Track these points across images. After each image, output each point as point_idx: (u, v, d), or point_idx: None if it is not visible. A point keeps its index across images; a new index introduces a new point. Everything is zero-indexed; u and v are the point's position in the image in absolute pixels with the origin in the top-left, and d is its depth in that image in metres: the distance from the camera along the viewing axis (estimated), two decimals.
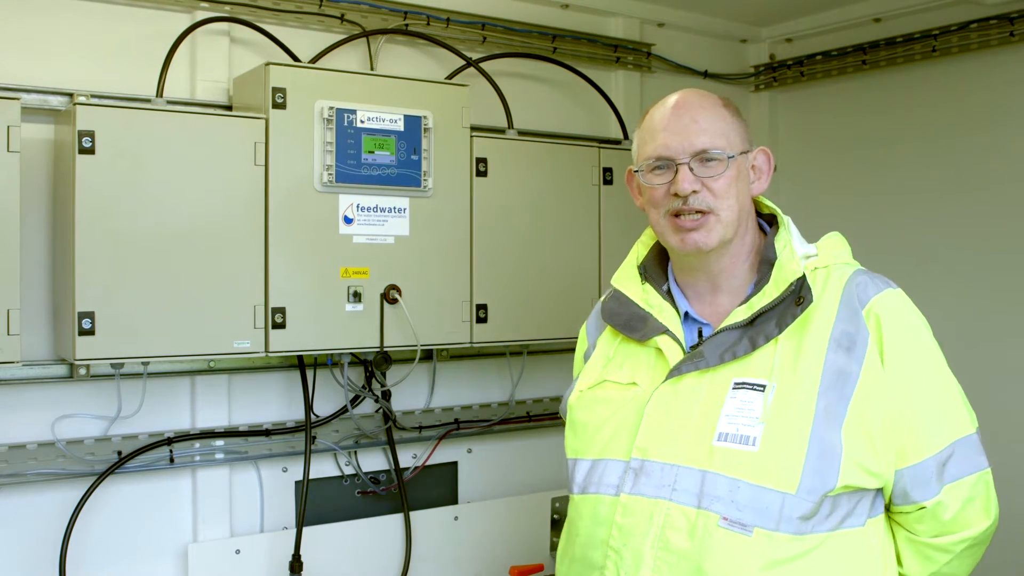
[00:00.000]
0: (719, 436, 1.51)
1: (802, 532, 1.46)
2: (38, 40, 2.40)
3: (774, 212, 1.70)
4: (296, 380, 2.69)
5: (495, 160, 2.69)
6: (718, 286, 1.66)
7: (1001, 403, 2.88)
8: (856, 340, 1.53)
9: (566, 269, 2.84)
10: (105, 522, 2.46)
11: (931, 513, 1.53)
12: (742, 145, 1.64)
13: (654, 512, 1.52)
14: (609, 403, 1.65)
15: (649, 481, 1.53)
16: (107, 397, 2.43)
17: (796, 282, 1.56)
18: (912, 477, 1.52)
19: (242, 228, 2.31)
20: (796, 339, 1.54)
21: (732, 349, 1.56)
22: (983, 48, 3.05)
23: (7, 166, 2.05)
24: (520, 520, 3.03)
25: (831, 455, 1.47)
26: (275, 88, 2.33)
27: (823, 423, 1.48)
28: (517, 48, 3.10)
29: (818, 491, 1.46)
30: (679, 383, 1.58)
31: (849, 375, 1.51)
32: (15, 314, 2.06)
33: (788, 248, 1.61)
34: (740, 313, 1.59)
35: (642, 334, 1.66)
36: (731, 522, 1.46)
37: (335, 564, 2.70)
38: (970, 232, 3.13)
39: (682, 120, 1.61)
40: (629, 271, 1.76)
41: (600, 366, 1.72)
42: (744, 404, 1.52)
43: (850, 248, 1.69)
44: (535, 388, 3.15)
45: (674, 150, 1.60)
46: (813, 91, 3.60)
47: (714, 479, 1.49)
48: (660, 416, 1.57)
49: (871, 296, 1.56)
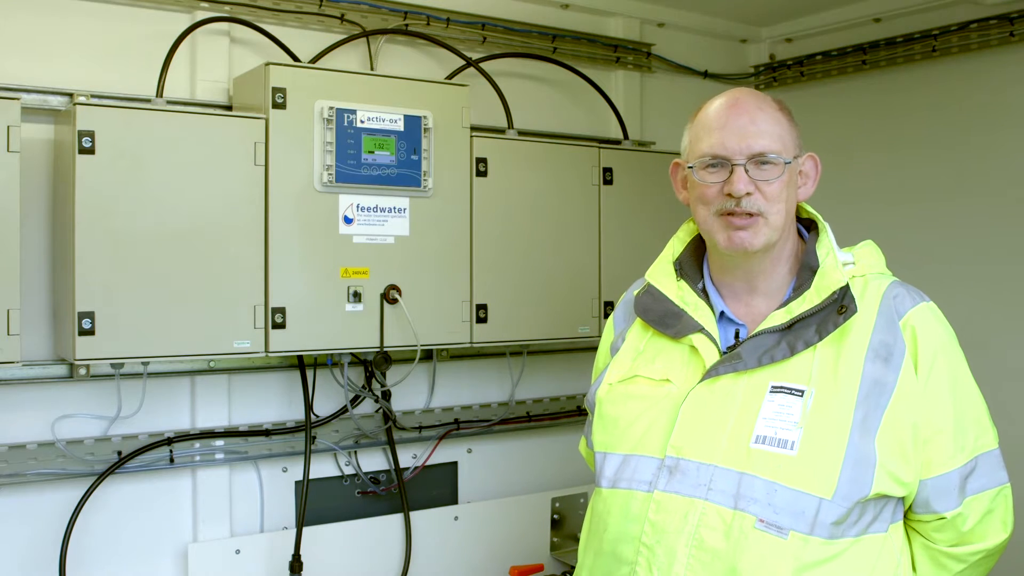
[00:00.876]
0: (756, 439, 1.51)
1: (833, 536, 1.48)
2: (38, 40, 2.40)
3: (813, 217, 1.70)
4: (296, 380, 2.69)
5: (495, 160, 2.68)
6: (755, 287, 1.66)
7: (1002, 404, 2.86)
8: (893, 351, 1.54)
9: (566, 269, 2.84)
10: (105, 522, 2.46)
11: (950, 524, 1.55)
12: (795, 150, 1.63)
13: (689, 511, 1.52)
14: (642, 399, 1.65)
15: (684, 480, 1.53)
16: (107, 397, 2.43)
17: (839, 291, 1.57)
18: (935, 488, 1.54)
19: (242, 228, 2.31)
20: (835, 347, 1.55)
21: (770, 352, 1.56)
22: (983, 48, 3.05)
23: (7, 166, 2.06)
24: (520, 520, 3.03)
25: (866, 463, 1.48)
26: (275, 88, 2.33)
27: (860, 432, 1.49)
28: (517, 48, 3.10)
29: (853, 498, 1.47)
30: (715, 383, 1.58)
31: (885, 385, 1.52)
32: (15, 314, 2.06)
33: (832, 256, 1.62)
34: (778, 317, 1.59)
35: (676, 331, 1.65)
36: (767, 524, 1.47)
37: (335, 564, 2.70)
38: (970, 232, 3.12)
39: (740, 120, 1.59)
40: (664, 267, 1.75)
41: (630, 359, 1.71)
42: (782, 408, 1.52)
43: (885, 258, 1.69)
44: (535, 388, 3.15)
45: (731, 150, 1.58)
46: (813, 91, 3.60)
47: (751, 481, 1.49)
48: (696, 416, 1.57)
49: (908, 309, 1.58)
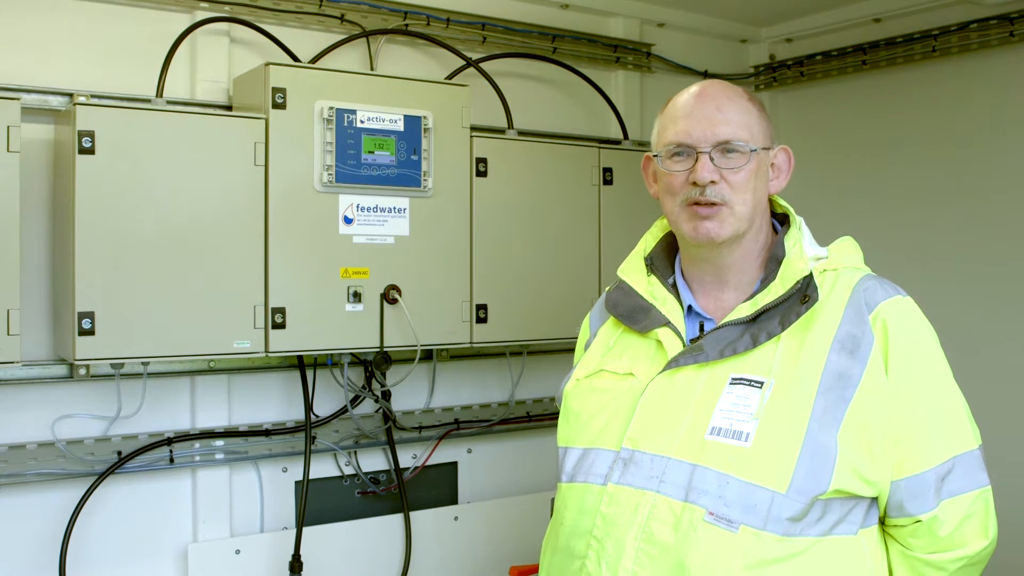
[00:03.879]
0: (712, 430, 1.48)
1: (790, 534, 1.43)
2: (38, 40, 2.40)
3: (787, 211, 1.67)
4: (296, 380, 2.69)
5: (495, 160, 2.68)
6: (725, 281, 1.64)
7: (996, 405, 2.86)
8: (860, 343, 1.50)
9: (566, 269, 2.84)
10: (105, 522, 2.46)
11: (927, 528, 1.49)
12: (764, 141, 1.61)
13: (640, 503, 1.48)
14: (604, 392, 1.63)
15: (638, 472, 1.51)
16: (107, 397, 2.43)
17: (802, 280, 1.54)
18: (908, 489, 1.48)
19: (242, 228, 2.31)
20: (799, 338, 1.51)
21: (733, 344, 1.53)
22: (983, 48, 3.05)
23: (7, 166, 2.06)
24: (520, 520, 3.03)
25: (824, 457, 1.44)
26: (275, 88, 2.33)
27: (819, 424, 1.45)
28: (517, 48, 3.10)
29: (809, 492, 1.43)
30: (676, 375, 1.55)
31: (850, 378, 1.48)
32: (15, 314, 2.06)
33: (797, 247, 1.59)
34: (744, 309, 1.57)
35: (643, 325, 1.64)
36: (717, 517, 1.43)
37: (335, 564, 2.70)
38: (970, 233, 3.12)
39: (706, 109, 1.58)
40: (635, 262, 1.74)
41: (599, 355, 1.70)
42: (740, 399, 1.49)
43: (862, 254, 1.67)
44: (535, 388, 3.15)
45: (696, 138, 1.57)
46: (813, 91, 3.60)
47: (703, 473, 1.46)
48: (654, 407, 1.54)
49: (879, 301, 1.53)
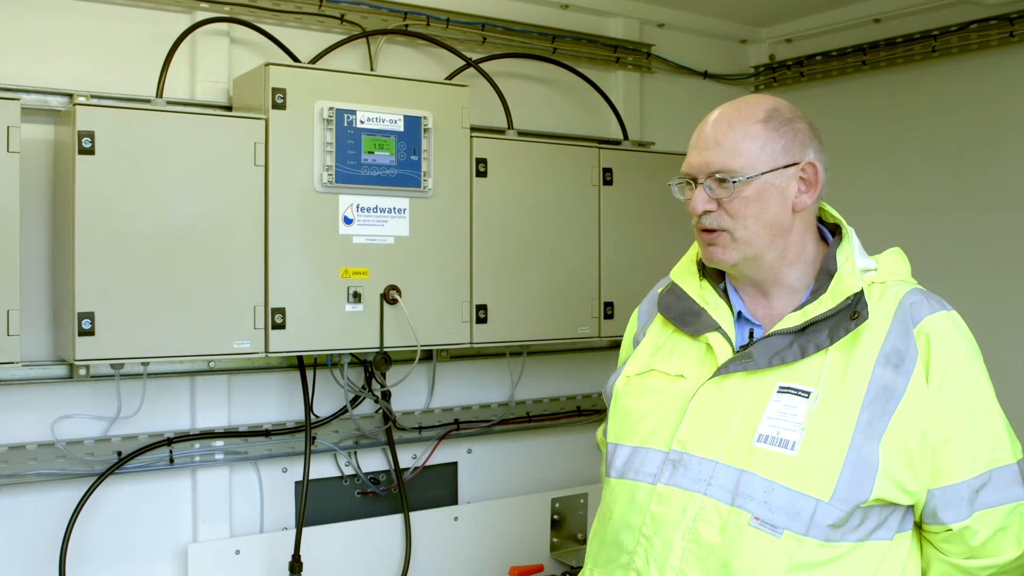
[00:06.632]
0: (759, 437, 1.53)
1: (831, 539, 1.48)
2: (38, 40, 2.40)
3: (838, 222, 1.71)
4: (296, 380, 2.69)
5: (495, 160, 2.68)
6: (767, 292, 1.68)
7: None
8: (905, 357, 1.54)
9: (566, 269, 2.84)
10: (105, 522, 2.46)
11: (958, 536, 1.54)
12: (771, 163, 1.61)
13: (688, 504, 1.54)
14: (656, 393, 1.67)
15: (687, 474, 1.56)
16: (107, 397, 2.43)
17: (853, 296, 1.57)
18: (943, 498, 1.52)
19: (242, 228, 2.31)
20: (846, 351, 1.55)
21: (781, 354, 1.57)
22: (983, 48, 3.05)
23: (7, 166, 2.05)
24: (520, 520, 3.04)
25: (867, 468, 1.48)
26: (275, 88, 2.33)
27: (863, 436, 1.49)
28: (517, 48, 3.10)
29: (851, 501, 1.47)
30: (725, 381, 1.60)
31: (894, 391, 1.52)
32: (15, 314, 2.06)
33: (850, 261, 1.63)
34: (793, 319, 1.60)
35: (694, 329, 1.69)
36: (762, 522, 1.48)
37: (335, 564, 2.70)
38: (970, 233, 3.12)
39: (706, 139, 1.63)
40: (688, 266, 1.79)
41: (649, 354, 1.74)
42: (787, 408, 1.54)
43: (910, 265, 1.69)
44: (535, 388, 3.15)
45: (695, 168, 1.64)
46: (813, 92, 3.60)
47: (750, 479, 1.51)
48: (703, 411, 1.59)
49: (924, 315, 1.57)
